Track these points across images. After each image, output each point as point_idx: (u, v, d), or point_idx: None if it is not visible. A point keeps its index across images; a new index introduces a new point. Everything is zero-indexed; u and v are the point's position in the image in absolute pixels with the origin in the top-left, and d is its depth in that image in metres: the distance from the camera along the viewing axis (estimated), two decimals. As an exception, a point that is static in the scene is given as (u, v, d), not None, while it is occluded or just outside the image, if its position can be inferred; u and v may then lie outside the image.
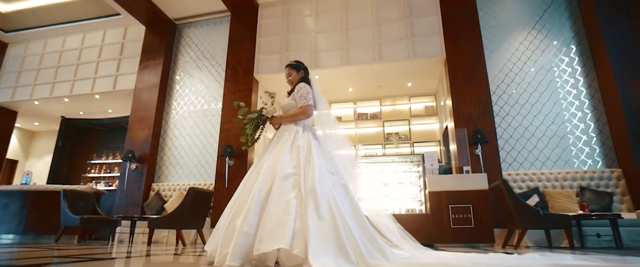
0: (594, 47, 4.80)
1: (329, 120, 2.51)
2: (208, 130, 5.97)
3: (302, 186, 1.91)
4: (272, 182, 1.95)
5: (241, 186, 2.17)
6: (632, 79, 4.36)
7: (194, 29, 6.67)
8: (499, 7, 5.38)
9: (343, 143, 2.45)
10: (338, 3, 5.94)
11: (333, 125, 2.53)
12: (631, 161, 4.17)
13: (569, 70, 4.90)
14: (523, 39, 5.15)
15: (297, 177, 1.95)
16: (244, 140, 2.49)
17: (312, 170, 1.99)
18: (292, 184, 1.92)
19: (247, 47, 6.03)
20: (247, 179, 2.15)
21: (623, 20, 4.61)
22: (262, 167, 2.11)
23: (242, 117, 2.54)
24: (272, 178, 1.97)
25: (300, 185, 1.91)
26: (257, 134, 2.52)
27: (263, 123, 2.51)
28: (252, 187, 2.00)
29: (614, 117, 4.46)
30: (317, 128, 2.50)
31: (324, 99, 2.56)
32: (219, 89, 6.10)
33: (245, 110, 2.52)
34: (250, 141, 2.50)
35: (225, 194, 5.31)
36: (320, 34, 5.84)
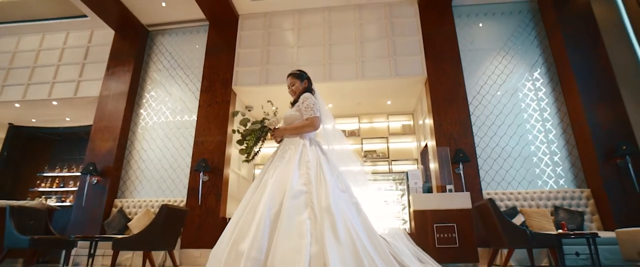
0: (562, 73, 5.11)
1: (335, 135, 2.38)
2: (180, 143, 5.62)
3: (316, 205, 1.75)
4: (281, 200, 1.78)
5: (242, 204, 1.96)
6: (598, 104, 4.67)
7: (168, 36, 6.36)
8: (475, 32, 5.62)
9: (350, 159, 2.31)
10: (320, 19, 5.93)
11: (340, 140, 2.39)
12: (599, 181, 4.41)
13: (540, 94, 5.17)
14: (498, 63, 5.39)
15: (309, 196, 1.80)
16: (244, 153, 2.30)
17: (325, 188, 1.84)
18: (304, 203, 1.76)
19: (225, 58, 5.82)
20: (250, 197, 1.96)
21: (588, 48, 4.96)
22: (266, 184, 1.93)
23: (243, 127, 2.35)
24: (281, 196, 1.79)
25: (313, 204, 1.75)
26: (258, 147, 2.33)
27: (264, 135, 2.33)
28: (257, 206, 1.81)
29: (582, 139, 4.72)
30: (321, 143, 2.37)
31: (328, 112, 2.43)
32: (194, 100, 5.80)
33: (246, 120, 2.34)
34: (250, 154, 2.30)
35: (198, 212, 4.97)
36: (302, 49, 5.77)
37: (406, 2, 5.78)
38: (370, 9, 5.85)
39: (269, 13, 6.06)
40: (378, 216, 2.08)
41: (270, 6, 5.95)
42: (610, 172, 4.38)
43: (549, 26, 5.37)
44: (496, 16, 5.66)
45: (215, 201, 5.03)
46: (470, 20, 5.69)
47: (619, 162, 4.37)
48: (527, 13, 5.61)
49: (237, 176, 5.84)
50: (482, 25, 5.64)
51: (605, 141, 4.49)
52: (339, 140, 2.37)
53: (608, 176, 4.36)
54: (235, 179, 5.74)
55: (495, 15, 5.67)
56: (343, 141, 2.40)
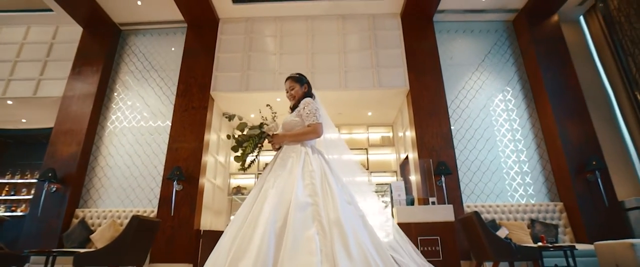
0: (536, 90, 5.33)
1: (337, 145, 2.26)
2: (152, 149, 5.28)
3: (324, 218, 1.62)
4: (286, 213, 1.63)
5: (240, 217, 1.79)
6: (569, 120, 4.89)
7: (142, 37, 6.03)
8: (454, 47, 5.76)
9: (354, 169, 2.20)
10: (303, 27, 5.86)
11: (342, 151, 2.27)
12: (571, 195, 4.58)
13: (515, 110, 5.35)
14: (477, 78, 5.55)
15: (316, 208, 1.67)
16: (240, 161, 2.13)
17: (332, 199, 1.72)
18: (311, 216, 1.63)
19: (204, 62, 5.59)
20: (249, 209, 1.79)
21: (559, 67, 5.22)
22: (266, 194, 1.78)
23: (239, 132, 2.18)
24: (285, 208, 1.65)
25: (321, 217, 1.63)
26: (255, 154, 2.17)
27: (261, 141, 2.18)
28: (257, 219, 1.65)
29: (555, 154, 4.91)
30: (323, 152, 2.24)
31: (329, 119, 2.32)
32: (169, 104, 5.49)
33: (244, 125, 2.17)
34: (247, 162, 2.14)
35: (170, 223, 4.65)
36: (285, 56, 5.66)
37: (389, 15, 5.85)
38: (353, 20, 5.86)
39: (251, 18, 5.92)
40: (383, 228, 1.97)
41: (252, 11, 5.82)
42: (581, 186, 4.57)
43: (523, 45, 5.62)
44: (474, 33, 5.85)
45: (189, 212, 4.74)
46: (450, 36, 5.85)
47: (589, 177, 4.58)
48: (503, 32, 5.84)
49: (213, 185, 5.56)
50: (462, 42, 5.80)
51: (576, 156, 4.69)
52: (341, 150, 2.26)
53: (579, 190, 4.55)
54: (211, 188, 5.46)
55: (473, 33, 5.86)
56: (345, 152, 2.29)
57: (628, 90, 5.06)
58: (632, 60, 4.90)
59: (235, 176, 6.43)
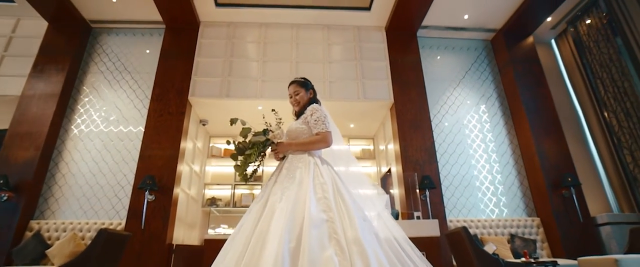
0: (513, 107, 5.50)
1: (343, 157, 2.11)
2: (122, 156, 4.89)
3: (341, 236, 1.47)
4: (299, 231, 1.47)
5: (243, 234, 1.61)
6: (545, 138, 5.06)
7: (115, 36, 5.66)
8: (437, 63, 5.86)
9: (361, 183, 2.06)
10: (288, 35, 5.75)
11: (350, 162, 2.13)
12: (548, 210, 4.71)
13: (494, 126, 5.49)
14: (458, 94, 5.65)
15: (332, 225, 1.51)
16: (241, 171, 1.94)
17: (348, 215, 1.57)
18: (327, 235, 1.47)
19: (182, 66, 5.31)
20: (253, 225, 1.60)
21: (535, 87, 5.43)
22: (274, 208, 1.60)
23: (241, 139, 1.99)
24: (299, 226, 1.48)
25: (338, 235, 1.47)
26: (257, 164, 1.99)
27: (265, 150, 2.00)
28: (265, 237, 1.48)
29: (532, 170, 5.05)
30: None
31: (337, 128, 2.18)
32: (143, 109, 5.15)
33: (247, 131, 1.99)
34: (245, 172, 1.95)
35: (140, 237, 4.29)
36: (268, 64, 5.50)
37: (374, 27, 5.88)
38: (338, 31, 5.83)
39: (234, 23, 5.73)
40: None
41: (236, 16, 5.64)
42: (557, 202, 4.71)
43: (501, 64, 5.81)
44: (456, 50, 5.99)
45: (162, 225, 4.40)
46: (432, 52, 5.95)
47: (564, 193, 4.73)
48: (482, 50, 6.03)
49: (187, 196, 5.23)
50: (443, 58, 5.92)
51: (552, 173, 4.84)
52: (348, 162, 2.11)
53: (556, 205, 4.68)
54: (185, 199, 5.13)
55: (454, 49, 6.00)
56: (352, 163, 2.14)
57: (597, 111, 5.33)
58: (600, 82, 5.19)
59: (210, 186, 6.11)
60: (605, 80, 5.12)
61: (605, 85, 5.11)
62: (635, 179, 4.68)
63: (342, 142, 2.20)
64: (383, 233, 1.72)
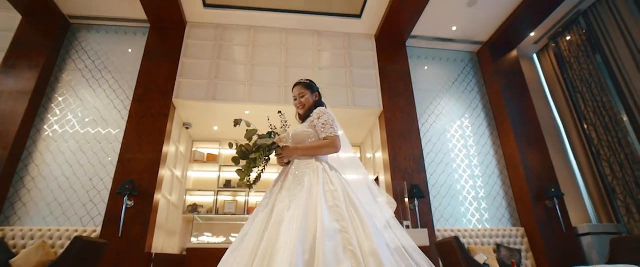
0: (499, 119, 5.60)
1: (350, 164, 2.01)
2: (99, 159, 4.63)
3: (356, 248, 1.38)
4: (312, 242, 1.37)
5: (249, 244, 1.49)
6: (529, 149, 5.17)
7: (95, 33, 5.41)
8: (425, 72, 5.91)
9: (371, 191, 1.97)
10: (278, 39, 5.67)
11: (358, 170, 2.04)
12: (532, 220, 4.78)
13: (479, 137, 5.56)
14: (445, 104, 5.71)
15: (346, 236, 1.42)
16: (244, 176, 1.81)
17: (362, 225, 1.48)
18: (342, 246, 1.38)
19: (167, 66, 5.12)
20: (259, 235, 1.48)
21: (519, 99, 5.55)
22: (282, 218, 1.49)
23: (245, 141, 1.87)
24: (312, 237, 1.38)
25: (353, 247, 1.38)
26: (261, 169, 1.87)
27: (270, 154, 1.89)
28: (273, 248, 1.37)
29: (517, 181, 5.13)
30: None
31: (344, 134, 2.09)
32: (124, 110, 4.91)
33: (253, 132, 1.87)
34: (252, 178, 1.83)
35: (117, 245, 4.03)
36: (257, 67, 5.39)
37: (364, 35, 5.88)
38: (329, 37, 5.80)
39: (222, 25, 5.59)
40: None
41: (224, 18, 5.51)
42: (541, 212, 4.79)
43: (487, 76, 5.93)
44: (443, 61, 6.08)
45: (141, 232, 4.16)
46: (420, 61, 6.01)
47: (547, 204, 4.82)
48: (468, 62, 6.14)
49: (168, 202, 4.99)
50: (431, 68, 5.98)
51: (536, 184, 4.94)
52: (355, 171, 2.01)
53: (539, 216, 4.76)
54: (166, 205, 4.89)
55: (441, 60, 6.09)
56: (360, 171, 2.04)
57: (577, 124, 5.51)
58: (581, 97, 5.37)
59: (192, 192, 5.87)
60: (585, 95, 5.30)
61: (585, 99, 5.29)
62: (613, 191, 4.83)
63: (350, 149, 2.12)
64: (393, 243, 1.64)
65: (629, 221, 4.63)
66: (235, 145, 1.98)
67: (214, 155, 6.11)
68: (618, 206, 4.78)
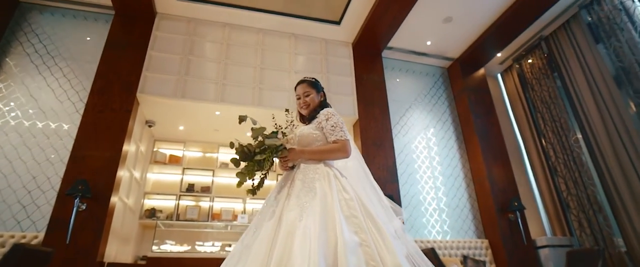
0: (466, 133, 5.79)
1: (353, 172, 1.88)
2: (46, 156, 4.12)
3: (379, 263, 1.25)
4: (334, 257, 1.22)
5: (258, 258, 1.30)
6: (494, 163, 5.38)
7: (49, 16, 4.88)
8: (397, 84, 5.99)
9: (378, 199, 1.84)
10: (253, 39, 5.47)
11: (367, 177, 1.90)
12: (496, 232, 4.95)
13: (447, 150, 5.71)
14: (417, 116, 5.81)
15: (368, 250, 1.29)
16: (244, 179, 1.62)
17: (381, 237, 1.37)
18: (365, 262, 1.25)
19: (131, 58, 4.72)
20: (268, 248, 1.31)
21: (486, 115, 5.79)
22: (293, 229, 1.33)
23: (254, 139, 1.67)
24: (332, 251, 1.25)
25: (376, 262, 1.25)
26: (264, 173, 1.69)
27: (276, 156, 1.71)
28: (287, 262, 1.20)
29: (482, 194, 5.31)
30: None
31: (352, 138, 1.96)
32: (79, 102, 4.43)
33: (261, 130, 1.68)
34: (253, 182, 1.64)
35: (63, 254, 3.57)
36: (231, 67, 5.14)
37: (341, 42, 5.86)
38: (306, 41, 5.70)
39: (195, 20, 5.29)
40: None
41: (198, 12, 5.22)
42: (504, 225, 4.98)
43: (456, 91, 6.14)
44: (416, 74, 6.21)
45: (93, 239, 3.72)
46: (394, 73, 6.09)
47: (510, 217, 5.02)
48: (439, 77, 6.32)
49: (124, 206, 4.55)
50: (404, 80, 6.08)
51: (500, 197, 5.14)
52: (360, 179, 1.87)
53: (503, 228, 4.94)
54: (122, 209, 4.45)
55: (415, 73, 6.21)
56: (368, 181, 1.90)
57: (536, 142, 5.84)
58: (541, 116, 5.71)
59: (150, 195, 5.42)
60: (544, 115, 5.64)
61: (544, 119, 5.64)
62: (568, 206, 5.15)
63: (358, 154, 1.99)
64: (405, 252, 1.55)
65: (580, 235, 4.94)
66: (237, 144, 1.78)
67: (177, 156, 5.72)
68: (571, 220, 5.09)
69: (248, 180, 1.72)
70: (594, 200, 4.83)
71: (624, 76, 4.65)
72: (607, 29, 4.87)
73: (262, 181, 1.80)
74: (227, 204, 5.62)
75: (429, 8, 5.17)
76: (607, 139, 4.77)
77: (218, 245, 4.77)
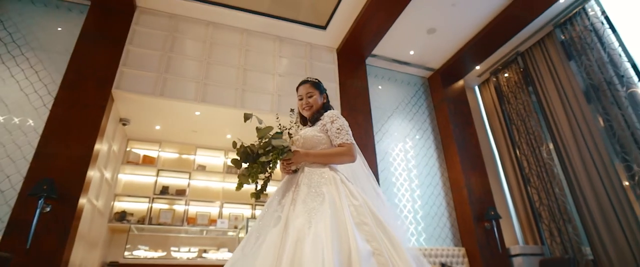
0: (445, 142, 5.91)
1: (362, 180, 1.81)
2: (7, 152, 3.80)
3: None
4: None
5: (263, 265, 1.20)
6: (472, 173, 5.51)
7: (17, 3, 4.55)
8: (380, 92, 6.04)
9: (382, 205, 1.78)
10: (237, 39, 5.35)
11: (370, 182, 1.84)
12: (473, 241, 5.05)
13: (427, 159, 5.79)
14: (398, 125, 5.87)
15: (382, 259, 1.24)
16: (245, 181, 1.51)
17: (394, 246, 1.32)
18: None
19: (108, 52, 4.48)
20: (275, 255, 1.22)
21: (465, 126, 5.94)
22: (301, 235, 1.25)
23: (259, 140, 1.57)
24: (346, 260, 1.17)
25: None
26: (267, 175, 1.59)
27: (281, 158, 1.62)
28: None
29: (460, 202, 5.41)
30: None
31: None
32: (47, 95, 4.13)
33: (268, 130, 1.58)
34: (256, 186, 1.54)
35: (23, 259, 3.28)
36: (213, 66, 4.99)
37: (326, 47, 5.84)
38: (290, 44, 5.64)
39: (177, 16, 5.11)
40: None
41: (180, 8, 5.05)
42: (481, 233, 5.08)
43: (436, 101, 6.26)
44: (397, 83, 6.29)
45: (57, 243, 3.45)
46: (377, 80, 6.13)
47: (486, 226, 5.14)
48: (420, 86, 6.44)
49: (93, 208, 4.27)
50: (386, 88, 6.14)
51: (477, 206, 5.25)
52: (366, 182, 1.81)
53: (480, 236, 5.05)
54: (90, 212, 4.17)
55: (396, 82, 6.29)
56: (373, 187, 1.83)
57: (511, 153, 6.04)
58: (516, 128, 5.92)
59: (121, 197, 5.13)
60: (519, 127, 5.85)
61: (519, 131, 5.85)
62: (540, 215, 5.34)
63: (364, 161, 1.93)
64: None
65: (551, 244, 5.13)
66: (240, 144, 1.66)
67: (152, 157, 5.45)
68: (543, 230, 5.28)
69: (251, 183, 1.62)
70: (564, 210, 5.03)
71: (593, 92, 4.90)
72: (579, 47, 5.13)
73: (265, 183, 1.70)
74: (203, 208, 5.41)
75: (414, 18, 5.26)
76: (577, 152, 4.99)
77: (195, 251, 4.56)
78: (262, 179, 1.69)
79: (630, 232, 4.32)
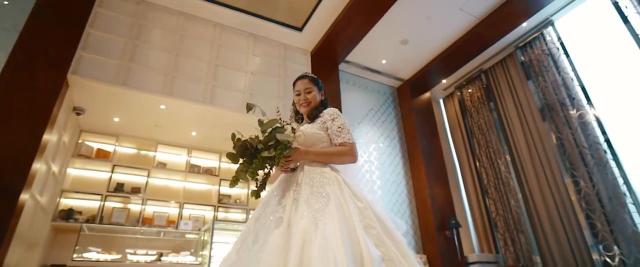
0: (411, 151, 6.05)
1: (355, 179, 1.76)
2: None
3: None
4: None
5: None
6: (435, 182, 5.68)
7: (-41, -33, 4.03)
8: (350, 98, 6.08)
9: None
10: (210, 33, 5.14)
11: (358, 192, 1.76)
12: (435, 248, 5.18)
13: (393, 167, 5.90)
14: (366, 132, 5.93)
15: (391, 265, 1.17)
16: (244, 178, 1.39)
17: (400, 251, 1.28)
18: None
19: (64, 33, 4.08)
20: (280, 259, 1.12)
21: (430, 137, 6.13)
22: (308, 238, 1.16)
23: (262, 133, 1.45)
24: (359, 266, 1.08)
25: None
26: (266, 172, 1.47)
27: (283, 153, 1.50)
28: None
29: (423, 211, 5.54)
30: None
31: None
32: (-11, 75, 3.68)
33: (273, 122, 1.46)
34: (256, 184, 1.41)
35: (-53, 260, 2.85)
36: (183, 59, 4.74)
37: (300, 50, 5.79)
38: (264, 43, 5.52)
39: (146, 2, 4.81)
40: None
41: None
42: (442, 241, 5.24)
43: (404, 111, 6.42)
44: (368, 90, 6.37)
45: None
46: (348, 87, 6.17)
47: (447, 234, 5.31)
48: (389, 95, 6.57)
49: (36, 204, 3.83)
50: (356, 95, 6.20)
51: (439, 215, 5.41)
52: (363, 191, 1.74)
53: (441, 244, 5.19)
54: (33, 208, 3.74)
55: (367, 89, 6.37)
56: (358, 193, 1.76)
57: (471, 164, 6.31)
58: (477, 142, 6.21)
59: (69, 194, 4.66)
60: (480, 141, 6.15)
61: (480, 144, 6.14)
62: (495, 225, 5.61)
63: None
64: None
65: (505, 252, 5.40)
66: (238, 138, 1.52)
67: (107, 151, 5.04)
68: (498, 239, 5.55)
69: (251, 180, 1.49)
70: (518, 221, 5.33)
71: (547, 111, 5.26)
72: (537, 69, 5.51)
73: (264, 181, 1.58)
74: (161, 208, 5.07)
75: (389, 28, 5.37)
76: (531, 166, 5.33)
77: (153, 253, 4.23)
78: (262, 176, 1.57)
79: (575, 243, 4.66)
